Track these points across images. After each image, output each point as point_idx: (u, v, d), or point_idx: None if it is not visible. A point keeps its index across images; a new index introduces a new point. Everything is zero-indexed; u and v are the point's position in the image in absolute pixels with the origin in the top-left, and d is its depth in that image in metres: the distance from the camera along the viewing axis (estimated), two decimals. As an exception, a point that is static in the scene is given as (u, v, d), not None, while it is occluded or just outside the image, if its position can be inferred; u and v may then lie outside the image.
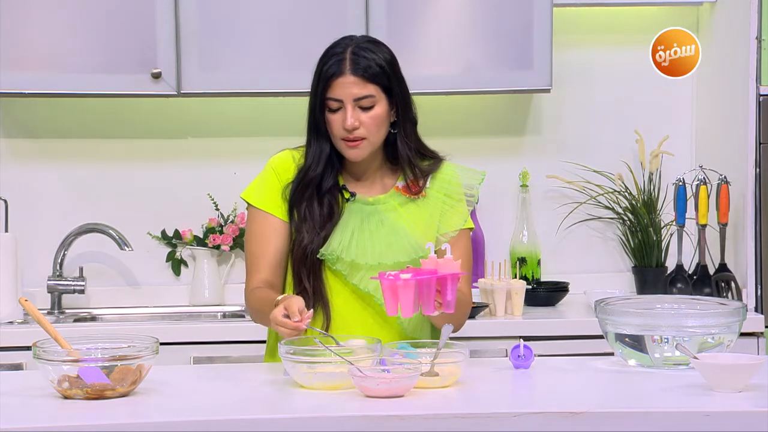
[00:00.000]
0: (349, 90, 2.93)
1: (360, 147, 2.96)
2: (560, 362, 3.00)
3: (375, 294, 2.97)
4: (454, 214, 3.05)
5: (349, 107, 2.93)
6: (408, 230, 3.01)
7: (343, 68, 2.93)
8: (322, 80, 2.96)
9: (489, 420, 2.43)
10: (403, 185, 3.05)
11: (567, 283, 4.43)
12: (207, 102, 4.44)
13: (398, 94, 2.98)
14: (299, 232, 2.99)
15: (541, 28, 4.22)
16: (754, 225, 4.20)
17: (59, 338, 2.64)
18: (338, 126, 2.95)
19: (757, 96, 4.16)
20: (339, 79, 2.93)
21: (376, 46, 2.98)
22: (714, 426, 2.44)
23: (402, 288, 2.69)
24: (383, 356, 2.69)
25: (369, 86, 2.94)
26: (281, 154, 3.09)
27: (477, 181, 3.09)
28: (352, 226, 3.00)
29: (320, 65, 2.98)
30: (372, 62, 2.94)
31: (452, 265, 2.76)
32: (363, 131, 2.94)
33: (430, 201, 3.05)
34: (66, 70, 4.13)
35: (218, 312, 4.41)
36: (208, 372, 3.11)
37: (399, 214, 3.02)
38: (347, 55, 2.94)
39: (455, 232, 3.04)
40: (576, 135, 4.63)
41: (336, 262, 2.98)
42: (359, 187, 3.04)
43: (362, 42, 2.98)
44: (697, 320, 2.89)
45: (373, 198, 3.03)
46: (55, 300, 4.36)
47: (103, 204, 4.47)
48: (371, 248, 2.98)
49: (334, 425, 2.43)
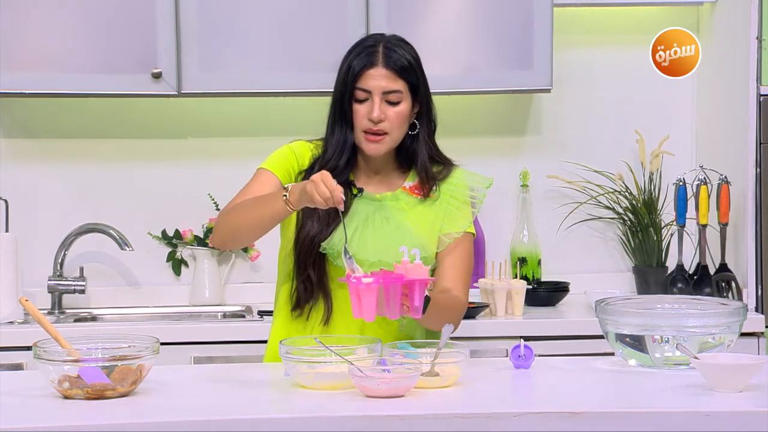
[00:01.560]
0: (378, 82, 2.96)
1: (381, 142, 2.99)
2: (560, 362, 3.01)
3: None
4: (459, 216, 3.07)
5: (376, 99, 2.96)
6: (412, 229, 3.02)
7: (375, 60, 2.96)
8: (353, 70, 2.97)
9: (489, 420, 2.43)
10: (411, 186, 3.07)
11: (567, 283, 4.43)
12: (207, 102, 4.44)
13: (423, 95, 3.02)
14: (307, 222, 3.00)
15: (541, 28, 4.22)
16: (755, 225, 4.20)
17: (60, 338, 2.64)
18: (363, 117, 2.97)
19: (757, 96, 4.16)
20: (370, 70, 2.96)
21: (406, 44, 3.03)
22: (714, 426, 2.44)
23: (364, 291, 2.70)
24: (383, 356, 2.70)
25: (399, 81, 2.97)
26: (299, 142, 3.12)
27: (484, 186, 3.11)
28: (356, 222, 3.00)
29: (350, 56, 3.00)
30: (403, 58, 2.98)
31: (421, 271, 2.77)
32: (387, 125, 2.97)
33: (436, 203, 3.06)
34: (66, 70, 4.13)
35: (218, 312, 4.41)
36: (208, 372, 3.11)
37: (405, 214, 3.04)
38: (380, 48, 2.98)
39: (459, 233, 3.05)
40: (576, 135, 4.63)
41: (337, 257, 2.98)
42: (367, 184, 3.06)
43: (393, 39, 3.02)
44: (697, 320, 2.89)
45: (381, 195, 3.05)
46: (55, 300, 4.36)
47: (103, 204, 4.47)
48: (373, 245, 2.99)
49: (334, 425, 2.43)
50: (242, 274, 4.54)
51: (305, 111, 4.46)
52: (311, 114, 4.42)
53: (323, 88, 4.11)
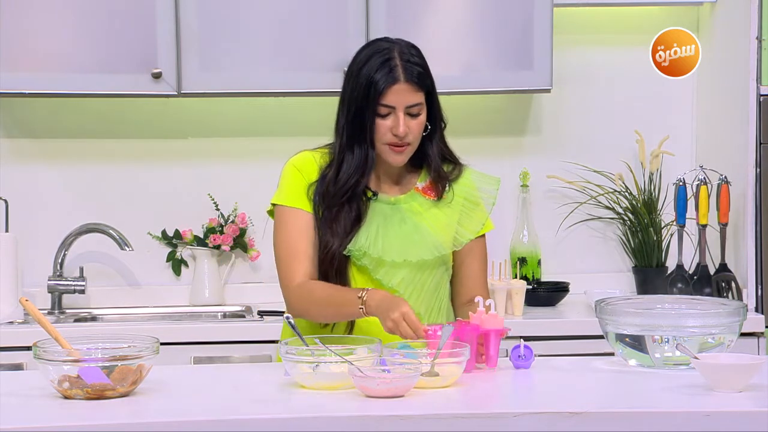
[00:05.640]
0: (403, 97, 2.95)
1: (405, 153, 3.00)
2: (560, 362, 3.01)
3: (398, 288, 3.02)
4: (472, 220, 3.11)
5: (400, 114, 2.95)
6: (429, 230, 3.05)
7: (398, 75, 2.94)
8: (377, 87, 2.93)
9: (489, 420, 2.43)
10: (423, 186, 3.09)
11: (567, 283, 4.43)
12: (207, 102, 4.44)
13: (436, 99, 3.03)
14: (325, 235, 3.01)
15: (541, 28, 4.22)
16: (755, 225, 4.20)
17: (59, 338, 2.64)
18: (386, 131, 2.96)
19: (757, 96, 4.16)
20: (395, 86, 2.94)
21: (417, 51, 3.01)
22: (714, 426, 2.44)
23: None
24: (383, 356, 2.70)
25: (419, 93, 2.97)
26: (301, 155, 3.10)
27: (494, 187, 3.14)
28: (377, 223, 3.03)
29: (365, 68, 2.96)
30: (420, 68, 2.98)
31: (496, 321, 2.83)
32: (410, 137, 2.98)
33: (449, 204, 3.09)
34: (66, 70, 4.13)
35: (218, 312, 4.41)
36: (208, 372, 3.11)
37: (420, 216, 3.06)
38: (398, 62, 2.95)
39: (474, 236, 3.10)
40: (576, 135, 4.63)
41: (362, 257, 3.00)
42: (380, 187, 3.07)
43: (405, 47, 2.99)
44: (697, 320, 2.89)
45: (395, 198, 3.07)
46: (55, 300, 4.36)
47: (103, 204, 4.47)
48: (397, 245, 3.02)
49: (334, 425, 2.43)
50: (242, 274, 4.54)
51: (305, 111, 4.46)
52: (311, 114, 4.47)
53: (323, 88, 4.15)
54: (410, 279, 3.04)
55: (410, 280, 3.04)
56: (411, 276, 3.04)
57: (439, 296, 3.10)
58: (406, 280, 3.04)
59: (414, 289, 3.05)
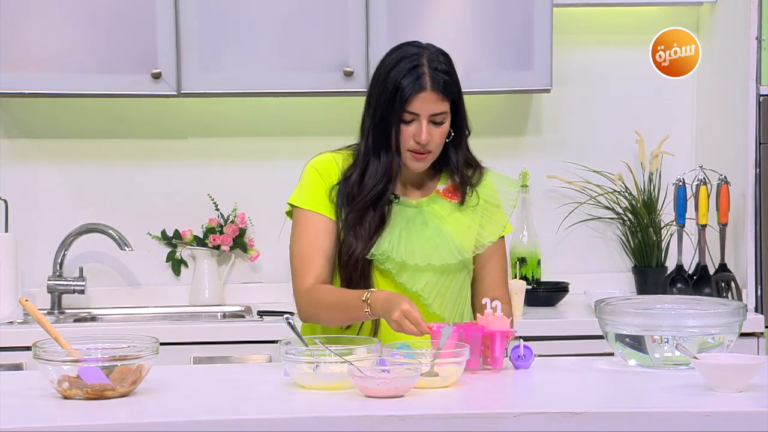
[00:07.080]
0: (428, 105, 2.94)
1: (426, 160, 3.00)
2: (560, 362, 3.01)
3: (422, 293, 3.02)
4: (493, 222, 3.10)
5: (424, 122, 2.95)
6: (452, 233, 3.05)
7: (425, 83, 2.93)
8: (403, 94, 2.93)
9: (489, 420, 2.44)
10: (444, 189, 3.09)
11: (567, 283, 4.43)
12: (207, 102, 4.44)
13: (462, 108, 3.03)
14: (349, 238, 3.00)
15: (541, 28, 4.22)
16: (754, 225, 4.20)
17: (59, 338, 2.64)
18: (409, 137, 2.96)
19: (757, 96, 4.16)
20: (421, 93, 2.93)
21: (447, 59, 3.00)
22: (714, 426, 2.44)
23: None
24: (383, 356, 2.70)
25: (445, 103, 2.97)
26: (321, 156, 3.09)
27: (515, 189, 3.16)
28: (400, 227, 3.03)
29: (393, 73, 2.95)
30: (448, 77, 2.97)
31: (502, 323, 2.84)
32: (431, 145, 2.97)
33: (470, 207, 3.08)
34: (66, 70, 4.13)
35: (218, 312, 4.41)
36: (208, 372, 3.11)
37: (442, 219, 3.05)
38: (427, 70, 2.94)
39: (496, 239, 3.10)
40: (576, 135, 4.63)
41: (385, 261, 3.00)
42: (400, 189, 3.07)
43: (434, 54, 2.99)
44: (697, 320, 2.89)
45: (416, 201, 3.06)
46: (55, 300, 4.36)
47: (103, 204, 4.47)
48: (420, 249, 3.01)
49: (334, 425, 2.43)
50: (242, 274, 4.54)
51: (305, 111, 4.46)
52: (311, 114, 4.47)
53: (323, 88, 4.15)
54: (434, 283, 3.03)
55: (434, 284, 3.03)
56: (435, 280, 3.03)
57: (462, 300, 3.09)
58: (429, 285, 3.02)
59: (438, 294, 3.04)
